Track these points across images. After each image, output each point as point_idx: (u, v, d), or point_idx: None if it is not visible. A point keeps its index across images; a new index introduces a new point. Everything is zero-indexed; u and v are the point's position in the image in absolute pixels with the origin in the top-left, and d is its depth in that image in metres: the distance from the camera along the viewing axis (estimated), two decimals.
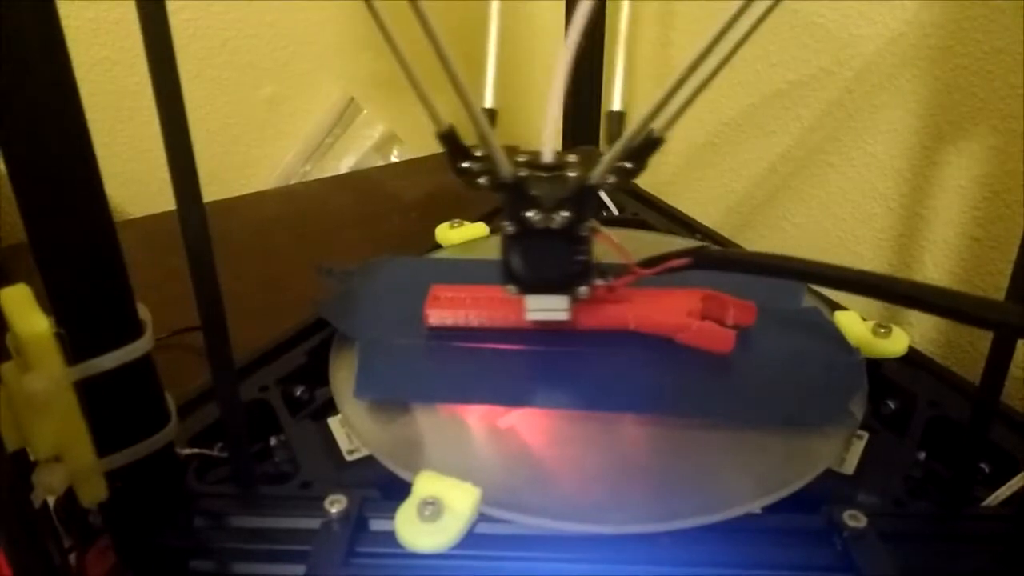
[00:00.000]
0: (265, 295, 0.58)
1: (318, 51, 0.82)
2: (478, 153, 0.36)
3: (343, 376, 0.41)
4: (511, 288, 0.37)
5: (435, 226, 0.55)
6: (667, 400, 0.39)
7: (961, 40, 0.47)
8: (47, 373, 0.27)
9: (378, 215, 0.73)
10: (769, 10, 0.29)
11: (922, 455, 0.39)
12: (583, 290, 0.37)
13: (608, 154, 0.34)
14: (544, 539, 0.32)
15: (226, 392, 0.33)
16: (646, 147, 0.34)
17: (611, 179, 0.35)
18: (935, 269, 0.52)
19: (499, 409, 0.39)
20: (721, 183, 0.67)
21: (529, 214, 0.34)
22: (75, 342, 0.29)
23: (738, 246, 0.58)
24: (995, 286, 0.48)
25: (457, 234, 0.54)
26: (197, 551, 0.33)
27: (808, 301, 0.46)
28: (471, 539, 0.32)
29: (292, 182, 0.84)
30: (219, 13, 0.76)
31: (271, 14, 0.79)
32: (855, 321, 0.44)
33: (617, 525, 0.32)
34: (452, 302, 0.42)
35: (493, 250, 0.53)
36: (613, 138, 0.39)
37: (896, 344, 0.43)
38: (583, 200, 0.34)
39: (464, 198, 0.75)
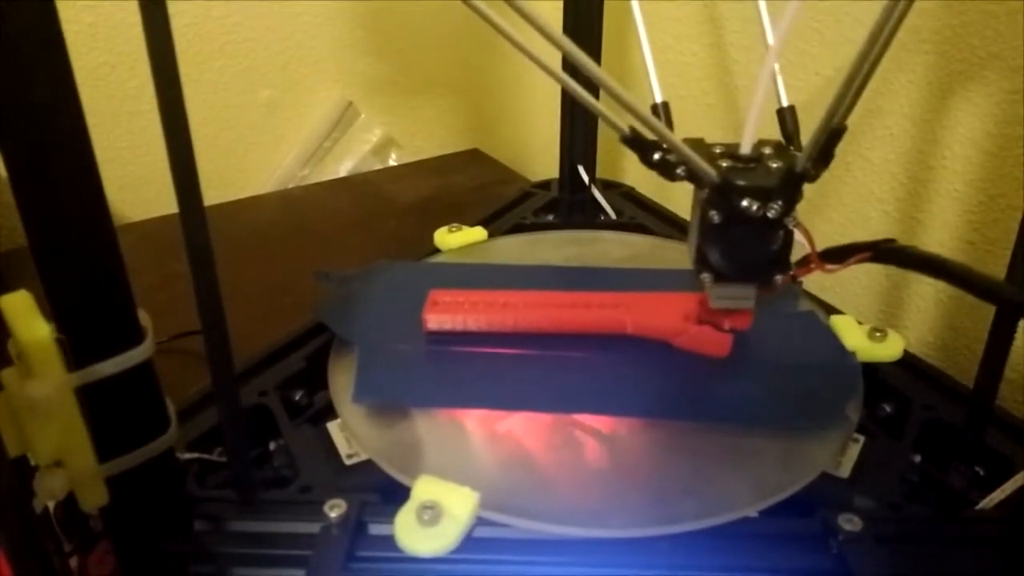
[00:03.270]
0: (264, 299, 0.58)
1: (316, 55, 0.82)
2: (664, 145, 0.36)
3: (342, 381, 0.41)
4: (705, 277, 0.37)
5: (433, 229, 0.56)
6: (664, 404, 0.39)
7: (956, 46, 0.47)
8: (48, 379, 0.27)
9: (376, 219, 0.73)
10: None
11: (917, 458, 0.40)
12: (779, 279, 0.37)
13: (808, 144, 0.34)
14: (542, 543, 0.33)
15: (226, 397, 0.33)
16: (832, 138, 0.34)
17: (811, 170, 0.35)
18: None
19: (497, 413, 0.39)
20: None
21: (744, 203, 0.34)
22: (76, 348, 0.29)
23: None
24: None
25: (455, 238, 0.54)
26: (197, 556, 0.33)
27: (804, 305, 0.46)
28: (470, 543, 0.32)
29: (290, 186, 0.84)
30: (218, 17, 0.76)
31: (270, 18, 0.79)
32: (851, 325, 0.44)
33: (615, 529, 0.33)
34: (451, 307, 0.42)
35: (491, 254, 0.54)
36: (788, 132, 0.40)
37: (892, 348, 0.43)
38: (792, 189, 0.34)
39: (462, 202, 0.76)
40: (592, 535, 0.33)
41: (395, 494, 0.34)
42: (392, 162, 0.88)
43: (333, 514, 0.33)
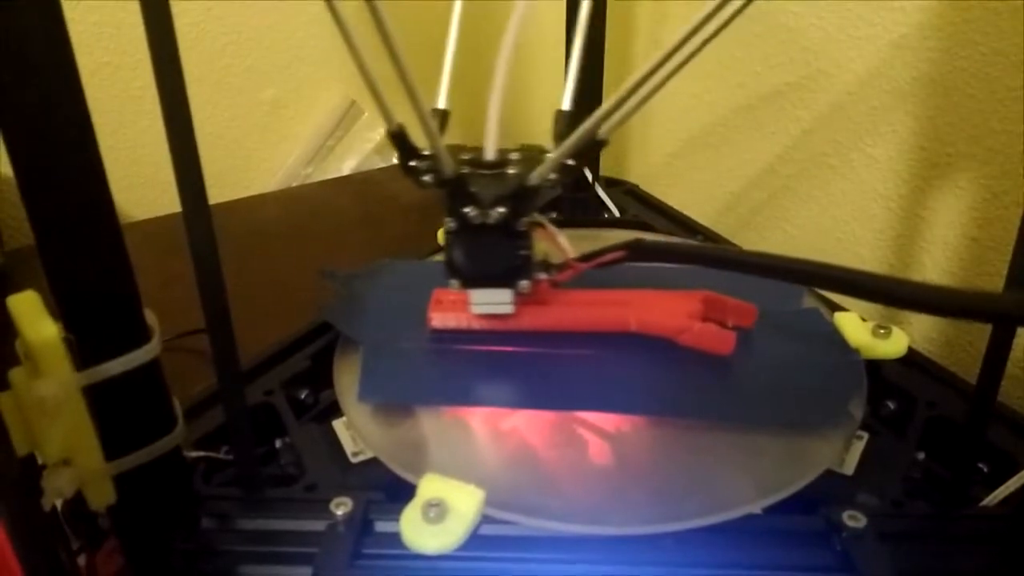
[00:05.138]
0: (268, 298, 0.58)
1: (319, 54, 0.82)
2: (427, 152, 0.37)
3: (347, 379, 0.41)
4: (454, 283, 0.39)
5: (437, 228, 0.55)
6: (668, 402, 0.39)
7: (960, 43, 0.47)
8: (56, 379, 0.27)
9: (380, 217, 0.73)
10: (722, 27, 0.30)
11: (921, 455, 0.40)
12: (524, 284, 0.38)
13: (552, 155, 0.35)
14: (547, 540, 0.33)
15: (232, 395, 0.33)
16: (590, 147, 0.35)
17: (553, 176, 0.36)
18: (934, 269, 0.52)
19: (502, 411, 0.39)
20: (722, 184, 0.67)
21: (467, 210, 0.35)
22: (83, 347, 0.29)
23: (737, 246, 0.59)
24: (994, 286, 0.48)
25: None
26: (204, 553, 0.34)
27: (808, 302, 0.46)
28: (475, 541, 0.32)
29: (294, 184, 0.84)
30: (221, 17, 0.76)
31: (272, 17, 0.79)
32: (855, 322, 0.44)
33: (619, 526, 0.33)
34: (455, 305, 0.42)
35: None
36: (559, 136, 0.40)
37: (895, 345, 0.43)
38: (521, 197, 0.35)
39: None
40: (597, 533, 0.33)
41: (401, 492, 0.34)
42: (395, 160, 0.88)
43: (339, 512, 0.33)
